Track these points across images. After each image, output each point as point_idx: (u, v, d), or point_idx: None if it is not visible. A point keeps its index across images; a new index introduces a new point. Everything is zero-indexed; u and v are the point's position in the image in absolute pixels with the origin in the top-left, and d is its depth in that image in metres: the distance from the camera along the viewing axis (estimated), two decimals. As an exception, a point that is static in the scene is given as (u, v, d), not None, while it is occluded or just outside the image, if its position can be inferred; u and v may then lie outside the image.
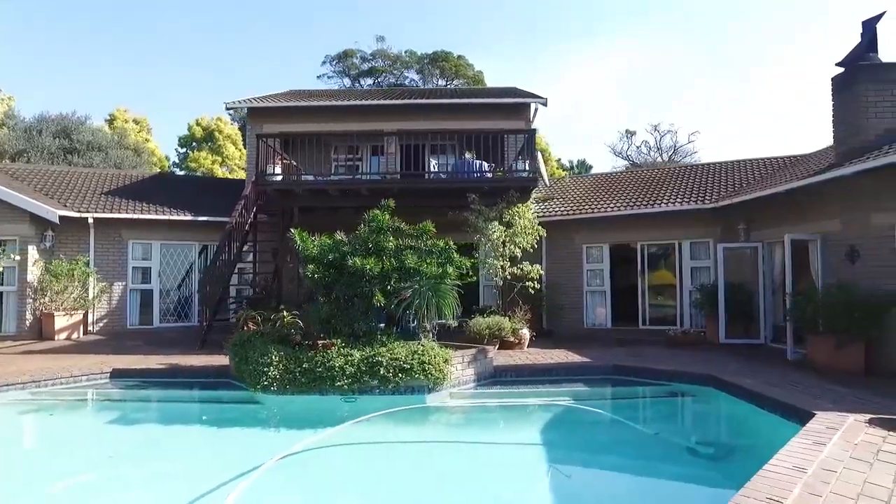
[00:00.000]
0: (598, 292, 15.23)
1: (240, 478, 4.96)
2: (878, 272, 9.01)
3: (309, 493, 5.44)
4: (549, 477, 5.59)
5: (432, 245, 8.63)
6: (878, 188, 9.01)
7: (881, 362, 8.86)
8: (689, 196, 14.43)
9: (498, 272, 11.99)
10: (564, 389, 8.43)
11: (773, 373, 8.39)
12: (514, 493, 5.30)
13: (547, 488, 5.29)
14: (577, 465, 5.78)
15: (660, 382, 8.48)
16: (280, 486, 5.35)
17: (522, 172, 12.07)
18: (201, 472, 5.79)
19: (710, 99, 59.83)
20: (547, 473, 5.66)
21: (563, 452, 6.27)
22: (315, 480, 5.67)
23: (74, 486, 5.42)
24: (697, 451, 5.95)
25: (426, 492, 5.37)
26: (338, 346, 8.00)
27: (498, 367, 9.13)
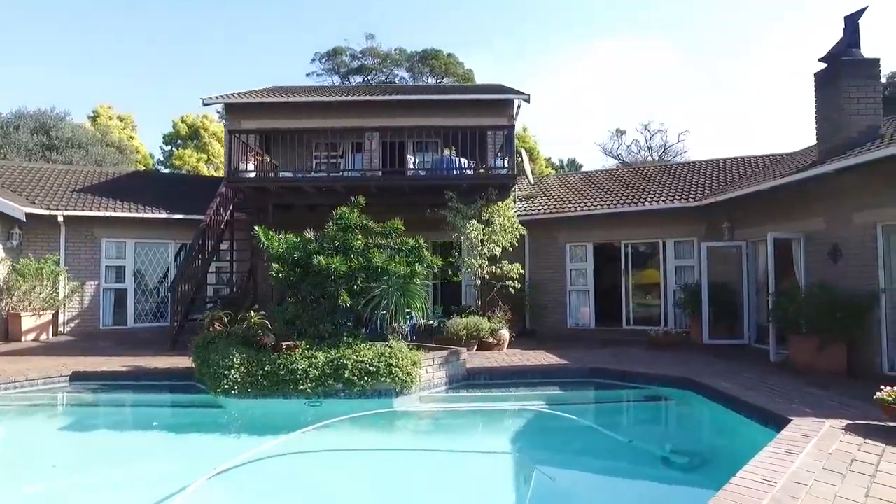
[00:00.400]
0: (582, 292, 14.99)
1: (178, 493, 4.65)
2: (860, 272, 8.80)
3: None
4: (533, 479, 5.35)
5: (401, 243, 8.35)
6: (860, 186, 8.80)
7: (863, 363, 8.66)
8: (673, 194, 14.21)
9: (476, 271, 11.71)
10: (538, 393, 8.17)
11: (753, 375, 8.16)
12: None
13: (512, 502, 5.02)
14: (545, 477, 5.50)
15: (637, 385, 8.21)
16: (226, 500, 5.05)
17: (501, 169, 11.78)
18: (149, 482, 5.48)
19: (701, 98, 59.84)
20: (531, 475, 5.40)
21: (532, 462, 5.99)
22: (264, 492, 5.36)
23: (7, 501, 5.09)
24: (671, 461, 5.69)
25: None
26: (302, 348, 7.70)
27: (471, 369, 8.85)
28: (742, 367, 9.01)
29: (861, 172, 8.65)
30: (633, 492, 5.28)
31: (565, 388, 8.35)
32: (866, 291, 8.56)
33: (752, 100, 58.86)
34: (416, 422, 7.74)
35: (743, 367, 9.01)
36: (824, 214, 9.64)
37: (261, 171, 13.17)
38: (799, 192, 10.20)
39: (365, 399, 7.64)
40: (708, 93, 59.69)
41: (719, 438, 6.68)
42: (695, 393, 7.46)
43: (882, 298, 8.44)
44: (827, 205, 9.58)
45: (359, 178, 12.51)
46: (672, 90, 60.18)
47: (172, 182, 20.19)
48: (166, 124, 57.85)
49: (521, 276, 12.36)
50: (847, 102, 9.47)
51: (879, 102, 9.56)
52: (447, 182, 11.83)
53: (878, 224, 8.55)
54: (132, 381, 8.91)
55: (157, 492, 4.73)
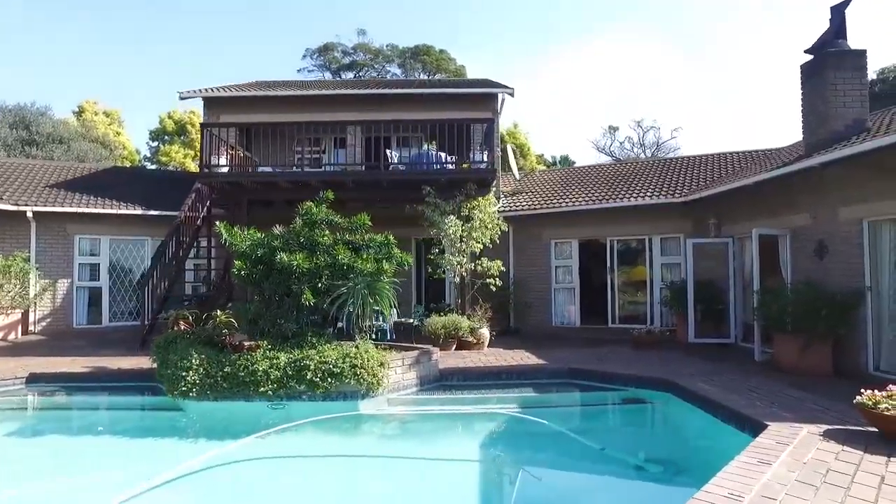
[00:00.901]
0: (567, 289, 14.70)
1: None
2: (845, 269, 8.53)
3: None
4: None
5: (370, 239, 8.01)
6: (846, 180, 8.53)
7: (848, 363, 8.39)
8: (660, 190, 13.93)
9: (455, 269, 11.39)
10: (512, 395, 7.87)
11: (735, 376, 7.87)
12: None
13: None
14: (509, 488, 5.19)
15: (616, 387, 7.90)
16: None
17: (481, 164, 11.46)
18: (92, 492, 5.16)
19: (694, 94, 59.65)
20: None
21: (499, 471, 5.69)
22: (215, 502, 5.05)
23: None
24: (643, 470, 5.39)
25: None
26: (264, 348, 7.37)
27: (445, 369, 8.54)
28: (725, 367, 8.73)
29: (847, 166, 8.37)
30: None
31: (541, 390, 8.04)
32: (852, 289, 8.29)
33: (746, 97, 58.73)
34: (382, 426, 7.42)
35: (726, 367, 8.73)
36: (810, 210, 9.37)
37: (235, 166, 12.79)
38: (784, 186, 9.94)
39: (330, 401, 7.32)
40: (702, 89, 59.53)
41: (695, 445, 6.36)
42: (673, 395, 7.17)
43: (868, 296, 8.17)
44: (812, 200, 9.31)
45: (335, 173, 12.18)
46: (666, 87, 60.00)
47: (153, 178, 19.77)
48: (155, 121, 57.25)
49: (502, 273, 12.04)
50: (833, 94, 9.18)
51: (866, 95, 9.28)
52: (425, 177, 11.51)
53: (864, 220, 8.28)
54: (93, 382, 8.57)
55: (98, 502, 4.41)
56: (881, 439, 4.69)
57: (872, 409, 4.65)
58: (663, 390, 7.36)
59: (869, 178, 8.09)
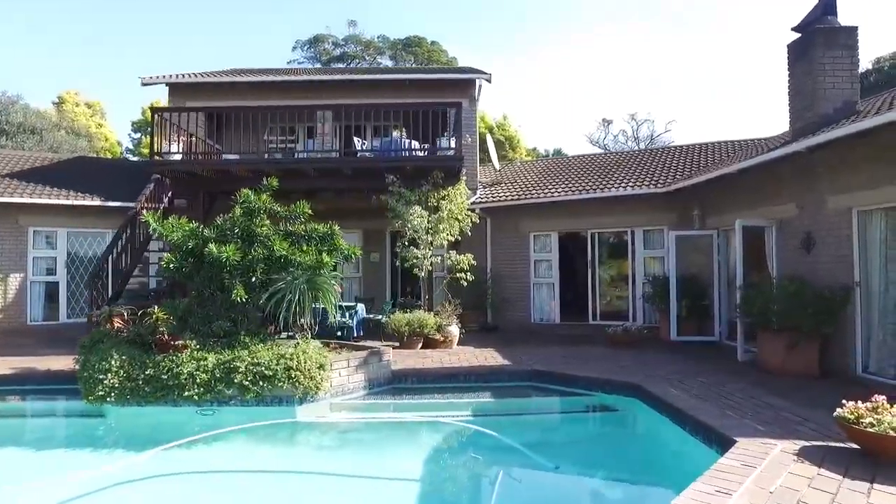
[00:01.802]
0: (546, 284, 14.03)
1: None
2: (834, 262, 7.88)
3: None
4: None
5: (311, 230, 7.32)
6: (835, 166, 7.85)
7: (836, 364, 7.75)
8: (642, 180, 13.24)
9: (420, 263, 10.70)
10: (467, 401, 7.19)
11: (712, 379, 7.20)
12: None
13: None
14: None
15: (581, 392, 7.22)
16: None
17: (447, 150, 10.74)
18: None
19: (690, 87, 58.89)
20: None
21: (435, 494, 5.01)
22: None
23: None
24: (598, 495, 4.71)
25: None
26: (192, 348, 6.69)
27: (399, 371, 7.87)
28: (704, 368, 8.07)
29: (836, 150, 7.71)
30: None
31: (499, 395, 7.35)
32: (840, 284, 7.64)
33: (743, 91, 58.00)
34: (319, 436, 6.74)
35: (706, 368, 8.07)
36: (796, 199, 8.70)
37: (192, 153, 12.06)
38: (770, 175, 9.29)
39: (265, 406, 6.65)
40: (698, 81, 58.75)
41: (659, 462, 5.63)
42: (641, 401, 6.48)
43: (857, 292, 7.51)
44: (799, 189, 8.65)
45: (296, 161, 11.43)
46: (662, 80, 59.23)
47: (122, 168, 19.01)
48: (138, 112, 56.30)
49: (472, 266, 11.35)
50: (821, 74, 8.49)
51: (856, 75, 8.60)
52: (389, 164, 10.80)
53: (854, 209, 7.61)
54: (16, 385, 7.88)
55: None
56: (864, 459, 4.03)
57: (854, 425, 3.98)
58: (630, 395, 6.68)
59: (860, 164, 7.42)
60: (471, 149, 14.81)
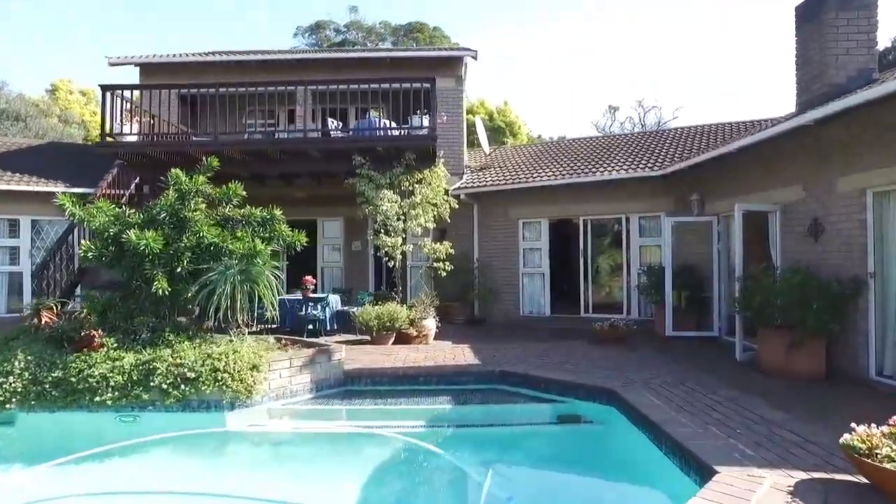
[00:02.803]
0: (536, 275, 13.15)
1: None
2: (844, 251, 6.95)
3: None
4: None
5: (248, 214, 6.49)
6: (847, 143, 6.91)
7: (845, 366, 6.85)
8: (638, 162, 12.31)
9: (391, 251, 9.86)
10: (422, 408, 6.33)
11: (703, 383, 6.32)
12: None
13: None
14: None
15: (552, 398, 6.35)
16: None
17: (420, 129, 9.86)
18: None
19: (697, 74, 57.33)
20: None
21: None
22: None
23: None
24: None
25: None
26: (109, 347, 5.91)
27: (352, 371, 7.04)
28: (696, 369, 7.19)
29: (847, 123, 6.77)
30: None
31: (460, 400, 6.48)
32: (850, 276, 6.73)
33: (752, 75, 56.40)
34: (249, 448, 5.92)
35: (697, 369, 7.19)
36: (803, 181, 7.77)
37: (143, 135, 11.21)
38: (773, 155, 8.36)
39: (192, 413, 5.87)
40: (707, 68, 57.19)
41: (628, 496, 4.77)
42: (619, 411, 5.61)
43: (871, 284, 6.59)
44: (806, 169, 7.71)
45: (257, 141, 10.56)
46: (671, 66, 57.75)
47: (94, 154, 18.23)
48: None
49: (451, 255, 10.51)
50: (833, 39, 7.51)
51: (874, 39, 7.60)
52: (358, 145, 9.94)
53: (868, 190, 6.67)
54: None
55: None
56: (879, 498, 3.16)
57: (866, 458, 3.11)
58: (607, 403, 5.80)
59: (875, 139, 6.47)
60: (456, 131, 13.93)
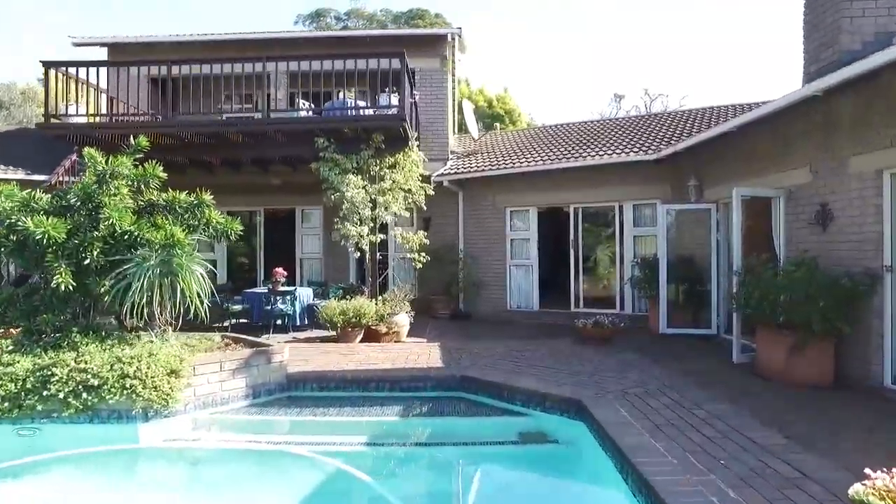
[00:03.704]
0: (524, 267, 12.32)
1: None
2: (856, 241, 6.09)
3: None
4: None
5: (171, 200, 5.71)
6: (860, 117, 6.02)
7: (855, 372, 6.01)
8: (632, 146, 11.42)
9: (358, 241, 9.06)
10: (367, 419, 5.51)
11: (691, 393, 5.48)
12: None
13: None
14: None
15: (516, 410, 5.51)
16: None
17: (387, 109, 9.01)
18: None
19: (704, 61, 55.92)
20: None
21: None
22: None
23: None
24: None
25: None
26: (2, 349, 5.17)
27: (296, 375, 6.26)
28: (686, 375, 6.36)
29: (862, 93, 5.90)
30: None
31: (412, 411, 5.64)
32: (863, 269, 5.87)
33: (762, 63, 54.92)
34: (165, 467, 5.12)
35: (687, 375, 6.36)
36: (810, 162, 6.88)
37: (103, 117, 10.45)
38: (778, 134, 7.50)
39: (100, 424, 5.13)
40: (713, 55, 55.77)
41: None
42: (589, 429, 4.77)
43: (887, 280, 5.73)
44: (814, 149, 6.83)
45: (212, 123, 9.70)
46: (677, 54, 56.37)
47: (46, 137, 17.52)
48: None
49: (424, 245, 9.71)
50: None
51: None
52: (322, 126, 9.12)
53: (885, 171, 5.79)
54: None
55: None
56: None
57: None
58: (576, 417, 4.98)
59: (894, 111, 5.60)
60: (440, 114, 13.12)
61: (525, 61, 60.22)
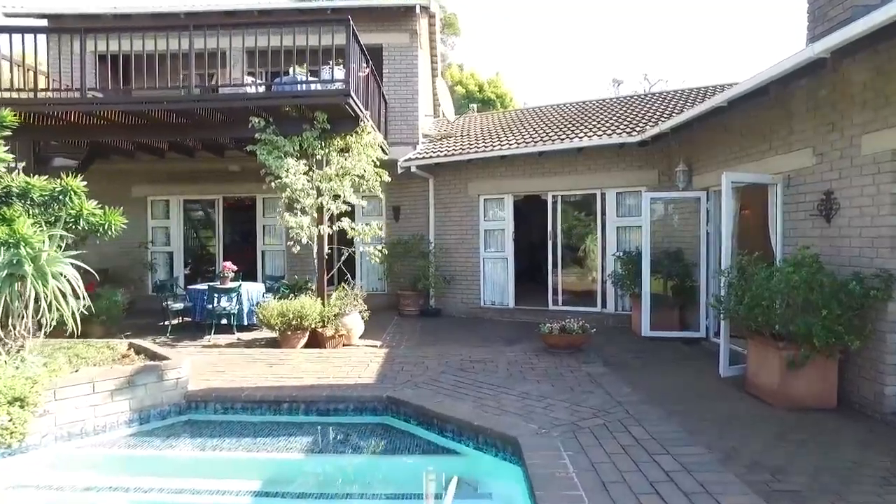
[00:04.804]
0: (499, 260, 11.30)
1: None
2: (868, 236, 5.05)
3: None
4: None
5: (26, 187, 4.68)
6: (877, 85, 4.95)
7: (863, 393, 5.02)
8: (616, 126, 10.35)
9: (300, 232, 8.03)
10: (263, 458, 4.50)
11: (659, 429, 4.45)
12: None
13: None
14: None
15: (448, 444, 4.49)
16: None
17: (330, 83, 7.91)
18: None
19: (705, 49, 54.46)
20: None
21: None
22: None
23: None
24: None
25: None
26: None
27: (195, 394, 5.25)
28: (658, 398, 5.33)
29: (878, 57, 4.83)
30: None
31: (323, 444, 4.64)
32: (876, 270, 4.84)
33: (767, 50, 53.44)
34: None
35: (660, 398, 5.33)
36: (813, 143, 5.82)
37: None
38: (776, 110, 6.43)
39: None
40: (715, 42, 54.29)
41: None
42: (525, 478, 3.74)
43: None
44: (817, 127, 5.76)
45: (129, 101, 8.54)
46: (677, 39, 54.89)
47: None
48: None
49: (378, 237, 8.68)
50: (860, -56, 5.51)
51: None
52: (256, 103, 8.03)
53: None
54: None
55: None
56: None
57: None
58: (515, 460, 3.97)
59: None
60: (409, 94, 12.04)
61: (522, 47, 58.79)
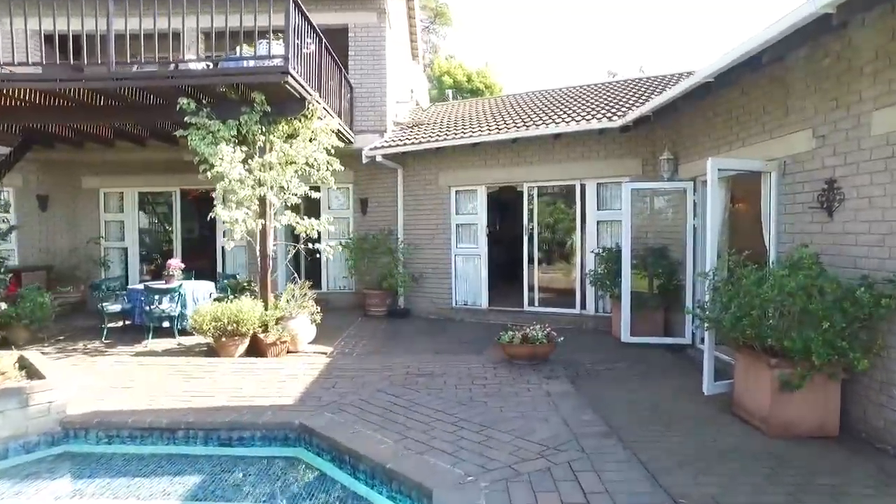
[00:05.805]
0: (472, 256, 10.43)
1: None
2: (879, 233, 4.19)
3: None
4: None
5: None
6: (890, 49, 4.09)
7: (869, 419, 4.18)
8: (595, 111, 9.46)
9: (234, 227, 7.16)
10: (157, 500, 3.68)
11: (620, 479, 3.61)
12: None
13: None
14: None
15: (356, 493, 3.62)
16: None
17: (268, 59, 6.98)
18: None
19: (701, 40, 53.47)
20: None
21: None
22: None
23: None
24: None
25: None
26: None
27: (74, 420, 4.36)
28: (629, 423, 4.50)
29: (890, 18, 3.97)
30: None
31: (217, 485, 3.81)
32: (889, 274, 3.99)
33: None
34: None
35: (631, 423, 4.50)
36: (813, 123, 4.95)
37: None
38: (770, 87, 5.56)
39: None
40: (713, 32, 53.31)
41: None
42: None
43: (922, 290, 3.86)
44: (818, 104, 4.89)
45: (41, 79, 7.48)
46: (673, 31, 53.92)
47: None
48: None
49: (319, 234, 7.81)
50: None
51: None
52: (185, 82, 7.11)
53: (924, 129, 3.90)
54: None
55: None
56: None
57: None
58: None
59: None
60: (376, 78, 11.13)
61: (516, 39, 57.74)
